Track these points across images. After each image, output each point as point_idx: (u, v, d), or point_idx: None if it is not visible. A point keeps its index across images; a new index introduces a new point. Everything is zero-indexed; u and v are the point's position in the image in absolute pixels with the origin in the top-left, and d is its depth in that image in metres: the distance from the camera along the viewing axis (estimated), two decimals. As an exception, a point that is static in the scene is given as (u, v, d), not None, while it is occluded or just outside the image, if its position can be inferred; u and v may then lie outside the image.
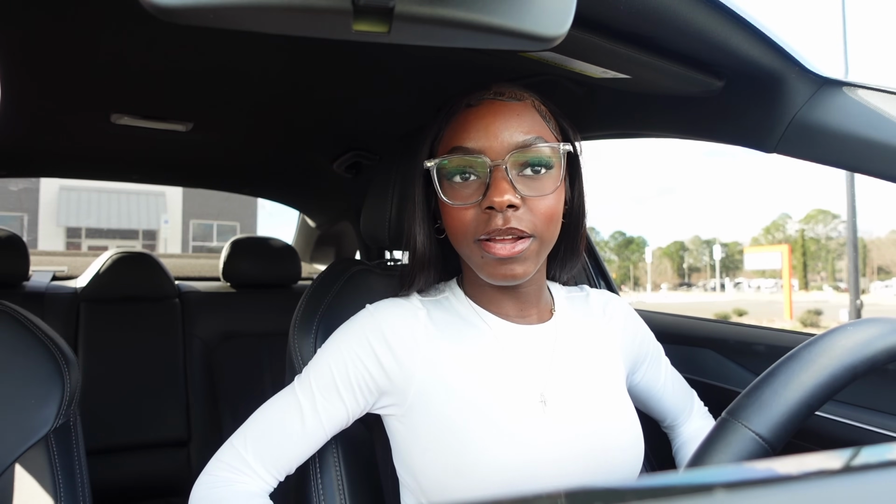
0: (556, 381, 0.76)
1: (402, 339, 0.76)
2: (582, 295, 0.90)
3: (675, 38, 0.76)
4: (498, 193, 0.68)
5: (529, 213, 0.70)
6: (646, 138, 1.23)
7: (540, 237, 0.72)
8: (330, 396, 0.75)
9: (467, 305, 0.81)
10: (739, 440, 0.54)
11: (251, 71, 1.15)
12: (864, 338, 0.58)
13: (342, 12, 0.40)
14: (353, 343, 0.76)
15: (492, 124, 0.72)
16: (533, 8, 0.44)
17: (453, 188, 0.73)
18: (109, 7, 0.87)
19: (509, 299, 0.80)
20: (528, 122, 0.73)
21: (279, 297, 2.21)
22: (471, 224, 0.71)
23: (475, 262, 0.74)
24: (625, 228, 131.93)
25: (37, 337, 0.81)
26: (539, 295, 0.82)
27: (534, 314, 0.81)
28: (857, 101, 0.79)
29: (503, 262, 0.71)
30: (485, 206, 0.70)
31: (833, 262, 62.28)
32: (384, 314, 0.78)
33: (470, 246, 0.73)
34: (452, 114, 0.76)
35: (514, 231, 0.69)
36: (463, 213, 0.72)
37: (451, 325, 0.79)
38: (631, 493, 0.28)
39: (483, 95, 0.75)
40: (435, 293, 0.84)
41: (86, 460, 0.83)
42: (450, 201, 0.72)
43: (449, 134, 0.75)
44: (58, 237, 20.10)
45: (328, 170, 1.82)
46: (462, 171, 0.72)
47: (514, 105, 0.74)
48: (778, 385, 0.57)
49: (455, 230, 0.74)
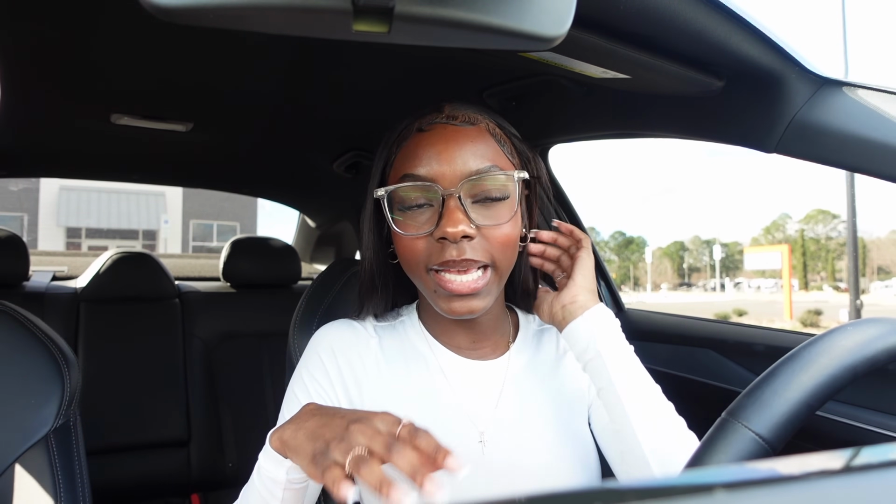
0: (499, 420, 0.73)
1: (352, 363, 0.75)
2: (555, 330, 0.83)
3: (675, 38, 0.76)
4: (451, 224, 0.65)
5: (485, 242, 0.68)
6: (646, 138, 1.23)
7: (496, 265, 0.69)
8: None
9: (420, 334, 0.79)
10: (739, 440, 0.54)
11: (251, 71, 1.15)
12: (864, 338, 0.58)
13: (342, 12, 0.40)
14: (310, 365, 0.77)
15: (444, 151, 0.68)
16: (533, 8, 0.44)
17: (405, 217, 0.70)
18: (109, 7, 0.87)
19: (463, 330, 0.77)
20: (482, 149, 0.70)
21: (279, 297, 2.21)
22: (423, 254, 0.69)
23: (429, 294, 0.71)
24: (625, 228, 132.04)
25: (37, 337, 0.81)
26: (495, 326, 0.79)
27: (487, 346, 0.78)
28: (857, 101, 0.79)
29: (461, 298, 0.68)
30: (437, 237, 0.67)
31: (833, 262, 62.28)
32: (336, 336, 0.77)
33: (423, 276, 0.70)
34: (403, 138, 0.73)
35: (469, 262, 0.67)
36: (414, 243, 0.69)
37: (401, 356, 0.77)
38: (631, 493, 0.28)
39: (435, 119, 0.72)
40: (392, 317, 0.82)
41: (86, 460, 0.83)
42: (401, 231, 0.69)
43: (400, 160, 0.72)
44: (58, 237, 20.11)
45: (328, 170, 1.82)
46: (412, 201, 0.69)
47: (468, 130, 0.70)
48: (778, 385, 0.57)
49: (407, 260, 0.71)
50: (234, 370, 2.07)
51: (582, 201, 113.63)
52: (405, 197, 0.69)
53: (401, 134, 0.74)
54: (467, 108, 0.74)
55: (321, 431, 0.56)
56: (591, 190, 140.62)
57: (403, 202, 0.70)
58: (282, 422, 0.75)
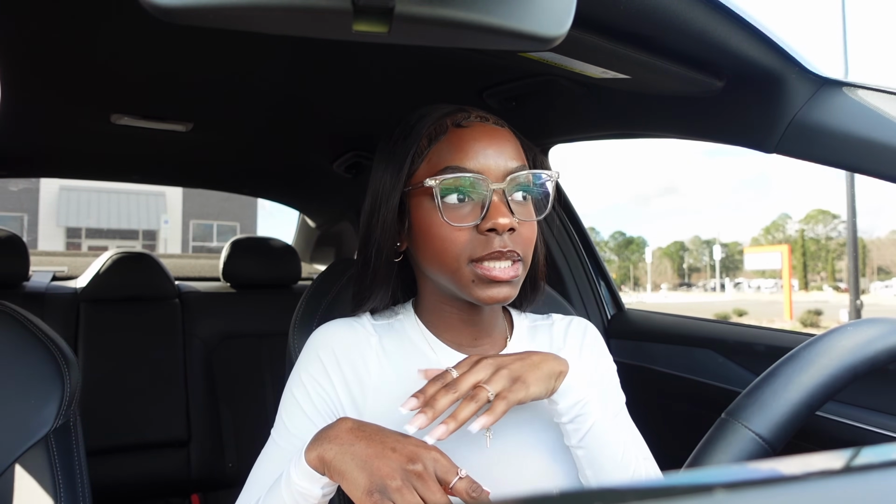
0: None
1: (354, 363, 0.75)
2: (546, 323, 0.87)
3: (675, 39, 0.76)
4: (502, 216, 0.68)
5: (518, 237, 0.70)
6: (646, 138, 1.23)
7: (525, 262, 0.72)
8: (303, 427, 0.74)
9: (419, 332, 0.79)
10: (739, 440, 0.55)
11: (251, 71, 1.15)
12: (864, 338, 0.58)
13: (342, 12, 0.40)
14: (309, 366, 0.76)
15: (489, 147, 0.71)
16: (533, 8, 0.44)
17: (448, 208, 0.71)
18: (109, 7, 0.87)
19: (466, 326, 0.78)
20: (516, 150, 0.74)
21: (279, 297, 2.21)
22: (466, 245, 0.70)
23: (462, 283, 0.71)
24: (625, 228, 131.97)
25: (37, 337, 0.81)
26: (494, 322, 0.81)
27: (487, 343, 0.80)
28: (856, 101, 0.79)
29: (497, 284, 0.70)
30: (484, 229, 0.69)
31: (833, 262, 62.28)
32: (335, 336, 0.77)
33: (461, 267, 0.71)
34: (438, 133, 0.74)
35: (513, 254, 0.69)
36: (457, 234, 0.70)
37: (401, 352, 0.78)
38: (631, 493, 0.28)
39: (468, 117, 0.74)
40: (389, 315, 0.82)
41: (86, 460, 0.83)
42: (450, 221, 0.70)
43: (437, 154, 0.73)
44: (58, 237, 20.11)
45: (328, 170, 1.82)
46: (459, 192, 0.70)
47: (502, 131, 0.74)
48: (778, 385, 0.57)
49: (444, 251, 0.71)
50: (234, 370, 2.07)
51: (582, 201, 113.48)
52: (454, 188, 0.70)
53: (431, 129, 0.74)
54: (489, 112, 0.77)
55: (376, 465, 0.58)
56: (592, 190, 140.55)
57: (449, 194, 0.70)
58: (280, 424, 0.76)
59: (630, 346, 1.41)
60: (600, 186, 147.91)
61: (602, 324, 1.50)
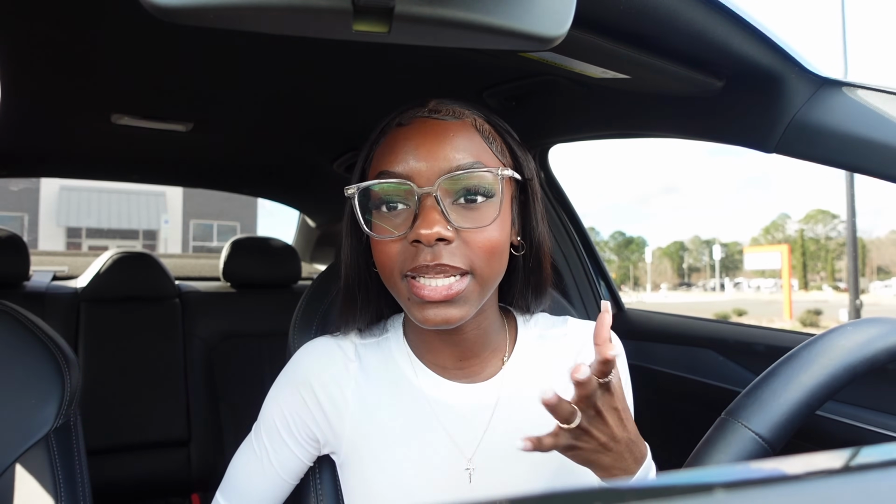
0: (488, 449, 0.69)
1: (331, 395, 0.72)
2: (559, 333, 0.76)
3: (675, 38, 0.76)
4: (425, 225, 0.60)
5: (465, 247, 0.62)
6: (646, 138, 1.23)
7: (478, 274, 0.63)
8: (279, 446, 0.75)
9: (404, 353, 0.74)
10: (739, 440, 0.55)
11: (251, 71, 1.15)
12: (864, 338, 0.58)
13: (342, 12, 0.40)
14: (287, 395, 0.75)
15: (421, 146, 0.63)
16: (533, 8, 0.44)
17: (380, 219, 0.64)
18: (110, 8, 0.87)
19: (446, 346, 0.70)
20: (465, 144, 0.64)
21: (279, 297, 2.21)
22: (397, 258, 0.63)
23: (403, 303, 0.66)
24: (625, 228, 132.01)
25: (37, 337, 0.81)
26: (483, 342, 0.71)
27: (475, 365, 0.72)
28: (856, 101, 0.79)
29: (435, 305, 0.62)
30: (411, 239, 0.61)
31: (833, 261, 62.27)
32: (314, 368, 0.74)
33: (398, 283, 0.64)
34: (383, 134, 0.68)
35: (444, 268, 0.61)
36: (388, 247, 0.63)
37: (383, 379, 0.73)
38: (631, 493, 0.28)
39: (417, 113, 0.67)
40: (378, 331, 0.77)
41: (86, 460, 0.83)
42: (373, 234, 0.64)
43: (377, 157, 0.67)
44: (58, 237, 20.10)
45: (328, 170, 1.82)
46: (388, 200, 0.63)
47: (451, 124, 0.65)
48: (777, 385, 0.57)
49: (381, 265, 0.65)
50: (234, 370, 2.07)
51: (582, 201, 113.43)
52: (380, 196, 0.64)
53: (382, 129, 0.69)
54: (455, 102, 0.69)
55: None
56: (592, 190, 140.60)
57: (378, 202, 0.64)
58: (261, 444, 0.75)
59: (630, 346, 1.41)
60: (600, 186, 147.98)
61: (602, 324, 1.50)
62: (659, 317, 1.44)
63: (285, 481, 0.76)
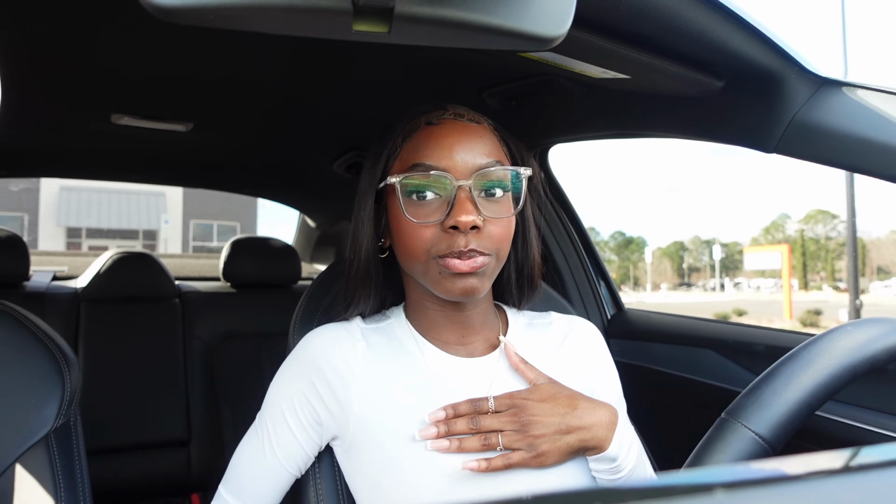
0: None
1: (339, 372, 0.75)
2: (544, 322, 0.86)
3: (675, 39, 0.76)
4: (464, 213, 0.68)
5: (488, 234, 0.71)
6: (646, 138, 1.23)
7: (496, 256, 0.72)
8: (282, 430, 0.76)
9: (408, 332, 0.80)
10: (739, 440, 0.55)
11: (251, 71, 1.15)
12: (864, 338, 0.58)
13: (342, 12, 0.40)
14: (295, 378, 0.77)
15: (456, 144, 0.72)
16: (533, 8, 0.44)
17: (412, 205, 0.71)
18: (109, 8, 0.87)
19: (451, 324, 0.78)
20: (489, 146, 0.73)
21: (279, 297, 2.21)
22: (429, 241, 0.71)
23: (431, 278, 0.73)
24: (625, 228, 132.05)
25: (37, 337, 0.81)
26: (484, 320, 0.80)
27: (476, 342, 0.79)
28: (856, 101, 0.80)
29: (462, 277, 0.70)
30: (448, 226, 0.69)
31: (833, 262, 62.27)
32: (321, 348, 0.77)
33: (426, 262, 0.72)
34: (410, 131, 0.75)
35: (474, 253, 0.69)
36: (422, 231, 0.71)
37: (389, 352, 0.78)
38: (631, 493, 0.28)
39: (443, 115, 0.75)
40: (379, 319, 0.83)
41: (86, 460, 0.83)
42: (412, 218, 0.71)
43: (408, 152, 0.74)
44: (58, 237, 20.11)
45: (328, 170, 1.82)
46: (423, 189, 0.71)
47: (475, 127, 0.74)
48: (777, 385, 0.57)
49: (411, 247, 0.72)
50: (234, 370, 2.07)
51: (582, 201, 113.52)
52: (418, 185, 0.71)
53: (406, 127, 0.76)
54: (468, 108, 0.77)
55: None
56: (592, 190, 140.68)
57: (413, 191, 0.71)
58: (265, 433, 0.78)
59: (630, 346, 1.41)
60: (600, 186, 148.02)
61: (602, 324, 1.50)
62: (659, 317, 1.44)
63: (286, 469, 0.77)
